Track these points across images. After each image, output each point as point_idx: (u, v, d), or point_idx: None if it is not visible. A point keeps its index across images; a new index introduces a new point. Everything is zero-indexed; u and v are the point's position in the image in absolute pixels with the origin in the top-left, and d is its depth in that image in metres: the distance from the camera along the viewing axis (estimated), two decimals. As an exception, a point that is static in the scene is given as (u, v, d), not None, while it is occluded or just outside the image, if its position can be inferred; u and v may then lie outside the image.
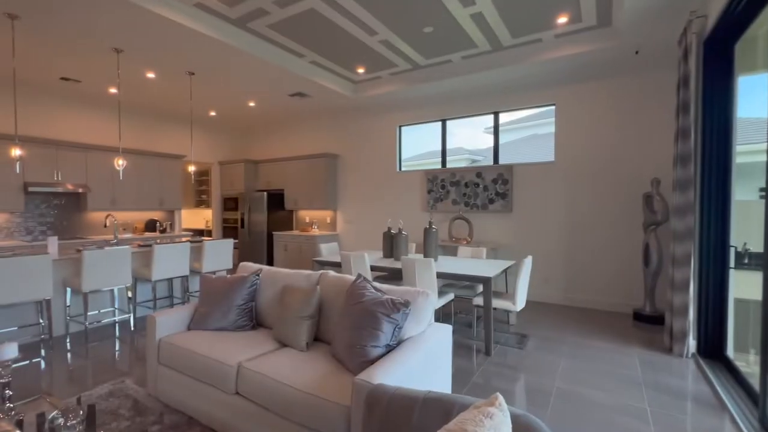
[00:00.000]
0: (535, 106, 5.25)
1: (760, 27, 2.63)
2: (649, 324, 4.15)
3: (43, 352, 3.37)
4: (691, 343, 3.23)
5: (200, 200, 9.44)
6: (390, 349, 1.91)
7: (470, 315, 4.49)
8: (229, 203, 8.11)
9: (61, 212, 5.86)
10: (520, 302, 3.45)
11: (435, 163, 6.19)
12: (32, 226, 5.58)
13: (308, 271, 2.70)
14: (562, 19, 3.93)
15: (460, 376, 2.89)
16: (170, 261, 4.34)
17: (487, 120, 5.66)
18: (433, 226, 4.17)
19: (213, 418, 2.13)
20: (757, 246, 2.52)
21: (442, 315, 4.43)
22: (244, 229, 7.65)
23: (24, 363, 3.12)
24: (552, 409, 2.43)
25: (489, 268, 3.70)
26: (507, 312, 4.20)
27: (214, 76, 5.12)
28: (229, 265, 5.07)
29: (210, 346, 2.27)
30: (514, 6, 3.70)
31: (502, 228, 5.46)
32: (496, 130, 5.58)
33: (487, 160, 5.72)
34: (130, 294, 4.16)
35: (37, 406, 1.74)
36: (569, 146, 4.97)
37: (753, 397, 2.36)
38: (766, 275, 2.11)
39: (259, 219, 7.38)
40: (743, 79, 2.97)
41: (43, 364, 3.11)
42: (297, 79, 5.24)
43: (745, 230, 2.92)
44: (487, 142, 5.69)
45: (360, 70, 5.38)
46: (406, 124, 6.40)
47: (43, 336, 3.64)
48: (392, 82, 5.69)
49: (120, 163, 4.35)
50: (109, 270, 3.83)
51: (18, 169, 3.63)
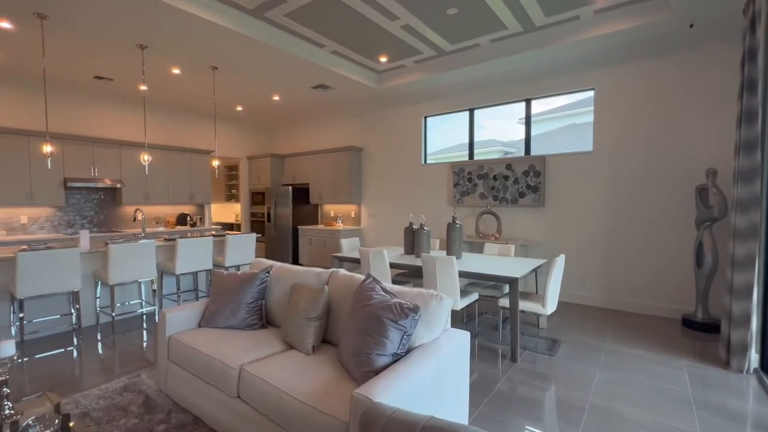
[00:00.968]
0: (571, 92, 4.83)
1: None
2: (701, 332, 3.71)
3: (71, 342, 3.49)
4: (753, 357, 2.82)
5: (230, 194, 9.65)
6: (397, 358, 1.74)
7: (496, 316, 4.23)
8: (257, 197, 8.21)
9: (99, 206, 6.13)
10: (550, 305, 3.16)
11: (464, 156, 5.89)
12: (73, 219, 5.87)
13: (319, 269, 2.58)
14: (603, -8, 3.54)
15: (482, 384, 2.67)
16: (193, 255, 4.39)
17: (521, 110, 5.28)
18: (457, 222, 3.94)
19: (216, 420, 2.06)
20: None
21: (465, 315, 4.20)
22: (271, 224, 7.72)
23: (50, 353, 3.23)
24: (584, 428, 2.17)
25: (517, 267, 3.43)
26: (537, 314, 3.90)
27: (236, 70, 5.10)
28: (251, 259, 5.08)
29: (215, 346, 2.20)
30: (548, -21, 3.36)
31: (534, 223, 5.11)
32: (528, 119, 5.20)
33: (521, 152, 5.35)
34: (155, 287, 4.24)
35: (40, 403, 1.73)
36: (610, 134, 4.53)
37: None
38: None
39: (285, 213, 7.41)
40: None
41: (67, 355, 3.20)
42: (318, 70, 5.12)
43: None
44: (522, 133, 5.31)
45: (382, 59, 5.18)
46: (431, 115, 6.14)
47: (73, 326, 3.78)
48: (416, 71, 5.45)
49: (146, 158, 4.43)
50: (134, 263, 3.91)
51: (50, 165, 3.77)
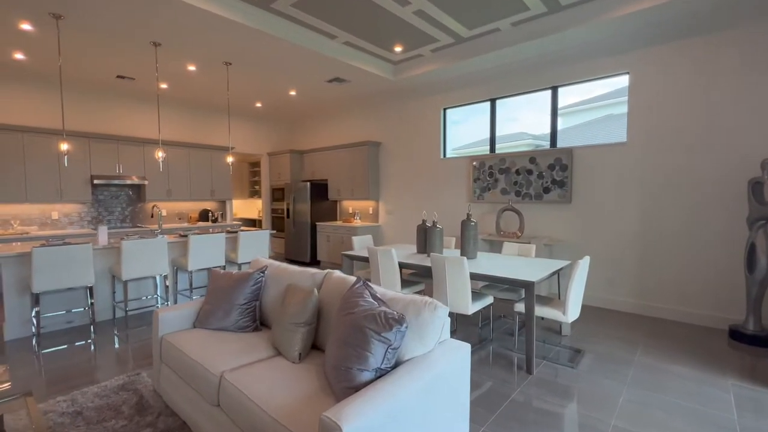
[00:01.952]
0: (602, 77, 4.41)
1: None
2: (753, 346, 3.27)
3: (83, 337, 3.56)
4: (816, 380, 2.42)
5: (254, 191, 9.78)
6: (381, 373, 1.56)
7: (515, 320, 3.95)
8: (277, 194, 8.24)
9: (124, 202, 6.33)
10: (572, 312, 2.87)
11: (487, 150, 5.56)
12: (101, 215, 6.09)
13: (314, 270, 2.44)
14: (638, -38, 3.15)
15: (491, 397, 2.45)
16: (206, 251, 4.40)
17: (553, 100, 4.84)
18: (472, 219, 3.69)
19: (200, 428, 1.97)
20: None
21: (481, 319, 3.95)
22: (290, 220, 7.72)
23: (61, 347, 3.30)
24: (604, 456, 1.91)
25: (535, 269, 3.15)
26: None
27: (250, 65, 5.06)
28: (266, 256, 5.05)
29: (202, 349, 2.11)
30: (573, -49, 3.02)
31: (559, 221, 4.74)
32: (554, 108, 4.82)
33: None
34: (168, 283, 4.28)
35: (18, 407, 1.70)
36: (646, 123, 4.09)
37: None
38: None
39: (303, 209, 7.37)
40: None
41: (76, 350, 3.26)
42: (332, 63, 4.98)
43: None
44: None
45: (397, 49, 4.96)
46: (451, 106, 5.86)
47: (89, 321, 3.87)
48: (434, 61, 5.19)
49: (160, 155, 4.47)
50: (146, 259, 3.95)
51: (66, 163, 3.86)
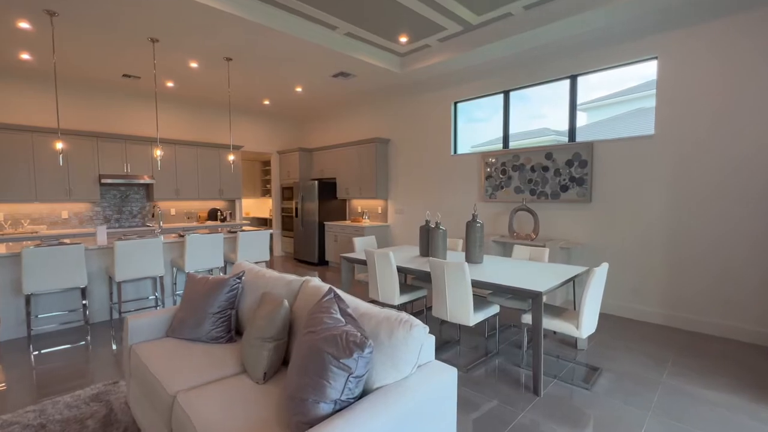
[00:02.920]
0: (626, 64, 3.99)
1: None
2: (803, 368, 2.83)
3: (75, 339, 3.49)
4: None
5: (266, 189, 9.73)
6: (343, 405, 1.32)
7: (523, 332, 3.62)
8: (287, 192, 8.13)
9: (132, 202, 6.34)
10: (586, 327, 2.54)
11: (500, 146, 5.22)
12: (109, 214, 6.12)
13: (292, 277, 2.22)
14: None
15: (487, 424, 2.16)
16: (203, 252, 4.28)
17: (580, 96, 4.39)
18: (478, 220, 3.39)
19: (158, 452, 1.80)
20: None
21: (487, 328, 3.64)
22: (298, 219, 7.58)
23: (50, 350, 3.23)
24: (617, 506, 1.60)
25: (547, 276, 2.82)
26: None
27: (251, 60, 4.91)
28: (266, 256, 4.90)
29: (165, 363, 1.93)
30: None
31: (578, 222, 4.35)
32: (572, 99, 4.43)
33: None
34: (164, 284, 4.19)
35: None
36: (677, 113, 3.66)
37: None
38: None
39: (311, 208, 7.22)
40: None
41: (63, 353, 3.17)
42: (335, 56, 4.77)
43: None
44: (580, 120, 4.45)
45: (402, 39, 4.69)
46: (461, 100, 5.53)
47: (85, 322, 3.81)
48: (442, 51, 4.89)
49: (158, 153, 4.39)
50: (141, 260, 3.86)
51: (61, 162, 3.81)
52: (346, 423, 1.20)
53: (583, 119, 4.49)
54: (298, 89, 6.23)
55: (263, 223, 9.54)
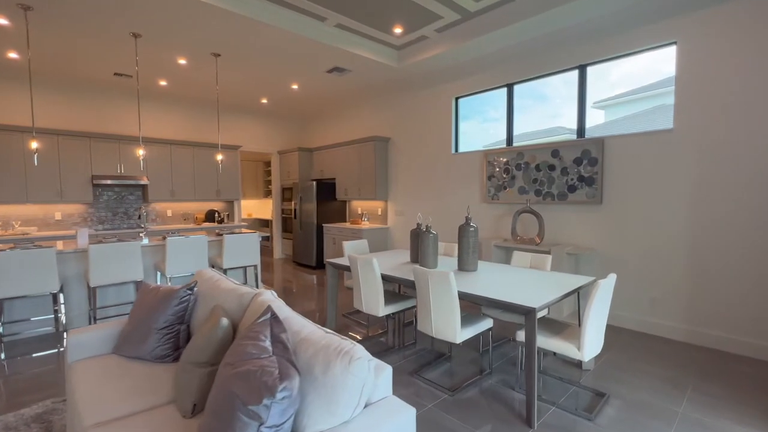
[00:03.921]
0: (640, 50, 3.61)
1: None
2: None
3: (43, 347, 3.32)
4: None
5: (268, 190, 9.58)
6: (255, 462, 1.04)
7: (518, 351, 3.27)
8: (287, 193, 7.94)
9: (128, 203, 6.24)
10: (588, 348, 2.19)
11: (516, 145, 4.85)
12: (104, 216, 6.03)
13: (246, 289, 1.96)
14: None
15: (470, 463, 1.85)
16: (185, 256, 4.09)
17: (598, 92, 4.00)
18: (472, 224, 3.07)
19: (77, 492, 1.56)
20: None
21: (482, 341, 3.30)
22: (297, 220, 7.37)
23: (13, 359, 3.06)
24: None
25: (546, 288, 2.49)
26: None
27: (240, 56, 4.70)
28: (255, 261, 4.68)
29: (94, 387, 1.70)
30: None
31: (587, 225, 3.98)
32: (581, 91, 4.06)
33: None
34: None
35: None
36: (700, 104, 3.26)
37: None
38: None
39: (310, 209, 6.99)
40: None
41: (23, 363, 2.98)
42: (327, 50, 4.51)
43: None
44: (597, 118, 4.07)
45: (397, 30, 4.40)
46: (463, 95, 5.21)
47: (60, 329, 3.66)
48: (440, 42, 4.58)
49: (140, 153, 4.22)
50: (118, 264, 3.68)
51: (36, 161, 3.66)
52: (247, 492, 0.93)
53: (600, 117, 4.09)
54: (294, 86, 6.01)
55: (265, 224, 9.39)
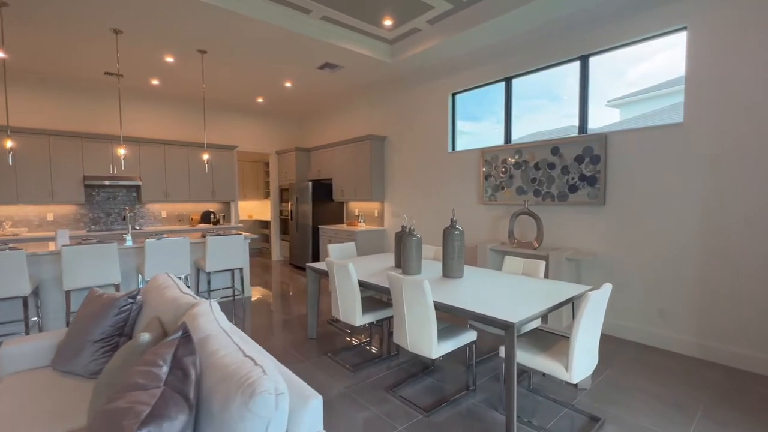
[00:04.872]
0: (646, 38, 3.31)
1: None
2: None
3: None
4: None
5: (268, 191, 9.46)
6: None
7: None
8: (285, 194, 7.80)
9: (121, 204, 6.17)
10: (578, 369, 1.93)
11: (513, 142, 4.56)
12: (96, 216, 5.97)
13: (189, 299, 1.77)
14: None
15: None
16: (167, 258, 3.95)
17: (613, 91, 3.65)
18: (457, 226, 2.83)
19: None
20: None
21: (467, 354, 3.05)
22: (293, 222, 7.21)
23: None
24: None
25: (533, 298, 2.24)
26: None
27: (229, 54, 4.57)
28: (242, 263, 4.51)
29: (11, 407, 1.53)
30: None
31: (589, 228, 3.68)
32: (583, 83, 3.77)
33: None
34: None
35: None
36: (713, 96, 2.95)
37: None
38: None
39: (306, 211, 6.82)
40: None
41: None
42: (316, 44, 4.33)
43: None
44: (611, 117, 3.77)
45: (387, 23, 4.19)
46: (459, 91, 4.95)
47: (22, 335, 3.55)
48: (433, 34, 4.35)
49: (121, 152, 4.10)
50: (94, 267, 3.56)
51: (11, 161, 3.56)
52: None
53: (615, 116, 3.79)
54: (288, 84, 5.86)
55: (265, 226, 9.27)
